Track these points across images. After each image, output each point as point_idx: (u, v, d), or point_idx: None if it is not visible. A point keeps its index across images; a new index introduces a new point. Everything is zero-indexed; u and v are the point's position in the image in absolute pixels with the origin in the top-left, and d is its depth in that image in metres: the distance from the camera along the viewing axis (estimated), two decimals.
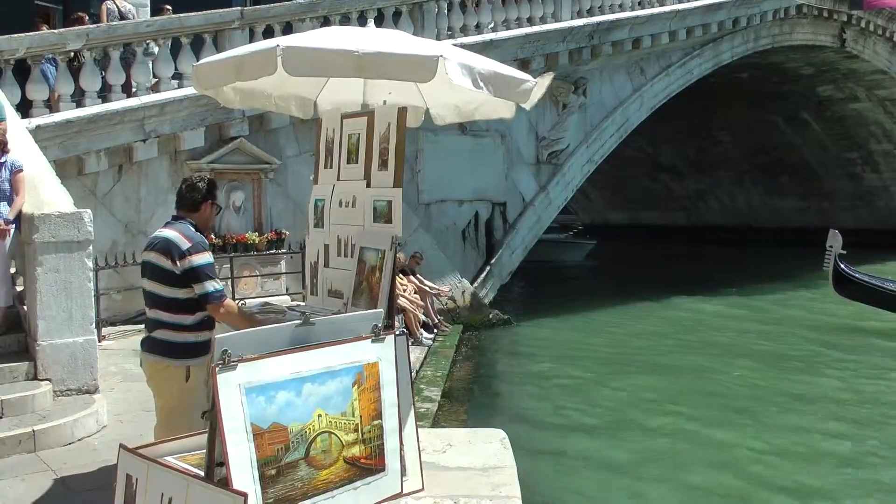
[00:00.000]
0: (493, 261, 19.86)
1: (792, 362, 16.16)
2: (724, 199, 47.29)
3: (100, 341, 10.64)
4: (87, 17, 17.45)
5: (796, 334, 18.95)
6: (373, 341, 4.59)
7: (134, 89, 14.86)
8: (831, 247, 19.09)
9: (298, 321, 4.28)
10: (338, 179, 6.83)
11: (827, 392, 13.99)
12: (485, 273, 19.63)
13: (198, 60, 14.58)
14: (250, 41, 15.73)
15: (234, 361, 3.80)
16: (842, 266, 19.20)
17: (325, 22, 17.11)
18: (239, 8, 16.95)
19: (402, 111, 6.42)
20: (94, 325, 8.60)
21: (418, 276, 16.58)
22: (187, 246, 5.34)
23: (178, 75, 15.21)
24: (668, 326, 20.09)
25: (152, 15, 18.39)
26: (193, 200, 5.66)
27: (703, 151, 44.05)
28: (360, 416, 4.42)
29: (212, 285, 5.33)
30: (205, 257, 5.37)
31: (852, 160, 41.46)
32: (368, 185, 6.47)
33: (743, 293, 24.68)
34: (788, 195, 44.53)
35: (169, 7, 18.34)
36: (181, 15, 15.50)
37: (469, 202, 19.65)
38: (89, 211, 8.39)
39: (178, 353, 5.41)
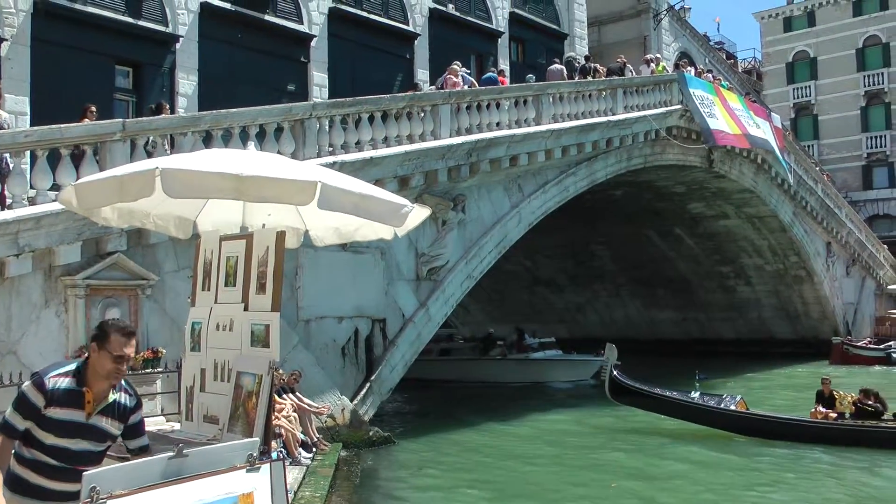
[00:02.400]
0: (373, 378, 19.70)
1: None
2: (602, 312, 48.17)
3: None
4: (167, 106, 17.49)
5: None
6: (248, 471, 4.52)
7: (9, 201, 14.51)
8: (607, 359, 21.10)
9: (171, 454, 4.21)
10: (215, 302, 6.80)
11: None
12: (365, 390, 19.45)
13: (77, 173, 14.49)
14: (132, 154, 15.61)
15: (102, 499, 3.71)
16: (615, 374, 20.86)
17: (208, 136, 17.07)
18: (121, 120, 16.78)
19: (281, 235, 6.47)
20: None
21: (297, 394, 16.40)
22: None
23: (56, 187, 14.88)
24: (540, 442, 20.23)
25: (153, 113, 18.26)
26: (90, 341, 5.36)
27: (580, 265, 44.95)
28: None
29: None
30: (25, 386, 5.12)
31: (725, 273, 42.87)
32: (246, 309, 6.46)
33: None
34: (665, 307, 45.70)
35: (93, 108, 18.29)
36: (62, 126, 15.22)
37: (349, 318, 19.54)
38: None
39: (6, 482, 5.05)
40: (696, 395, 20.65)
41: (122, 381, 5.30)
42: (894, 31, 63.36)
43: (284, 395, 15.62)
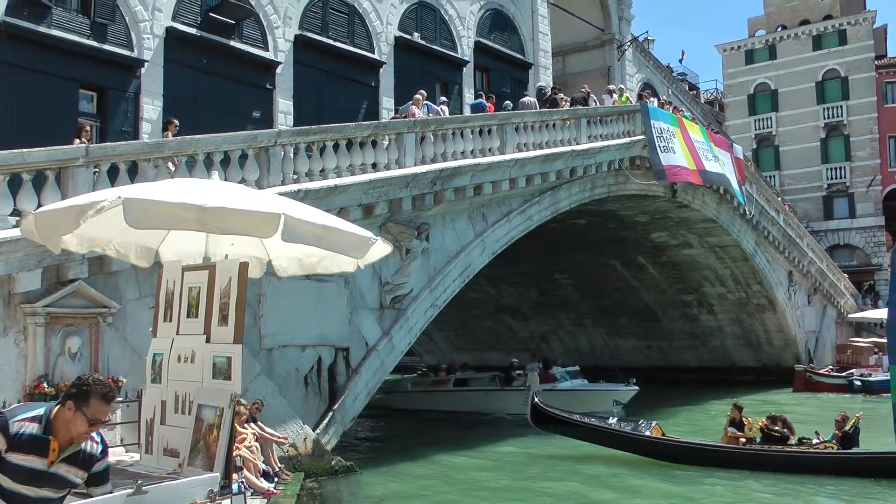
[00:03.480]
0: (335, 406, 19.54)
1: None
2: (566, 340, 48.28)
3: None
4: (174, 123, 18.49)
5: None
6: None
7: None
8: (529, 386, 23.48)
9: (130, 490, 4.17)
10: (177, 333, 6.76)
11: None
12: (327, 419, 19.29)
13: (39, 198, 14.35)
14: (95, 179, 15.49)
15: None
16: (537, 402, 21.72)
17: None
18: (84, 145, 16.64)
19: (244, 266, 6.45)
20: None
21: (259, 423, 16.27)
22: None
23: (17, 212, 14.67)
24: (506, 471, 20.23)
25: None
26: (63, 394, 5.24)
27: (544, 293, 45.06)
28: None
29: None
30: None
31: (688, 302, 43.12)
32: (208, 341, 6.42)
33: None
34: (629, 336, 45.89)
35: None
36: (24, 150, 15.02)
37: (312, 347, 19.39)
38: None
39: None
40: (613, 421, 21.45)
41: None
42: (852, 66, 64.61)
43: (246, 425, 15.50)
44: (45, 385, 14.08)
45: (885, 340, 44.21)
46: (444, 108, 27.85)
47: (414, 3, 33.91)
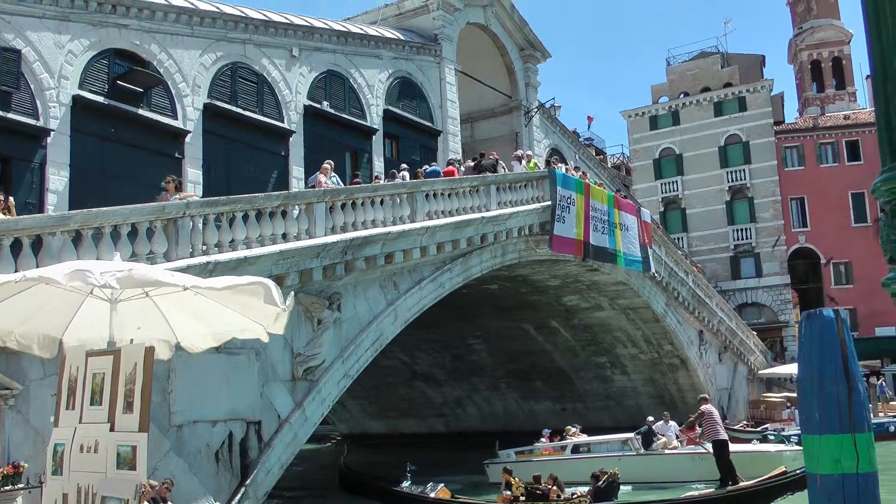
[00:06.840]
0: (248, 482, 19.09)
1: None
2: (481, 405, 48.20)
3: None
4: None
5: None
6: None
7: None
8: (345, 455, 24.35)
9: None
10: (80, 422, 6.56)
11: None
12: (240, 495, 18.82)
13: None
14: None
15: None
16: (344, 467, 24.13)
17: (77, 236, 16.63)
18: None
19: (149, 351, 6.32)
20: None
21: (169, 503, 15.88)
22: None
23: None
24: None
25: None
26: None
27: (458, 359, 45.02)
28: None
29: None
30: None
31: (602, 364, 43.46)
32: (112, 429, 6.25)
33: None
34: (543, 399, 46.01)
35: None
36: None
37: (223, 422, 18.94)
38: None
39: None
40: (406, 484, 23.23)
41: None
42: (753, 131, 66.72)
43: None
44: None
45: (796, 395, 45.26)
46: (406, 174, 28.00)
47: (323, 71, 34.00)
